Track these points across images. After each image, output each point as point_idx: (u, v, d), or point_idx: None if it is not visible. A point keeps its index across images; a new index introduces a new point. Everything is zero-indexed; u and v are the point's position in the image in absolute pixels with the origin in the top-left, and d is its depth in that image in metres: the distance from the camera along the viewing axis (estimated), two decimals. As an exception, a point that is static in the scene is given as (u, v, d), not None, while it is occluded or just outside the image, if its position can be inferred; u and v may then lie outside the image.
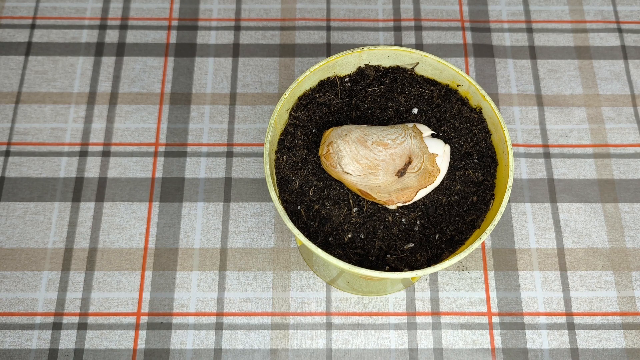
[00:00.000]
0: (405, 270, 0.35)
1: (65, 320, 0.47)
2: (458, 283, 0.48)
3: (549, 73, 0.56)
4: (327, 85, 0.41)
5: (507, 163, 0.38)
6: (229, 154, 0.53)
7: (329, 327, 0.47)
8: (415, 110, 0.41)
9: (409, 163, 0.37)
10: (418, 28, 0.58)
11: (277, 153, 0.40)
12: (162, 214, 0.51)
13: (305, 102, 0.41)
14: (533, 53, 0.57)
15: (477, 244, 0.35)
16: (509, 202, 0.51)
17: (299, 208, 0.38)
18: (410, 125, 0.38)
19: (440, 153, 0.37)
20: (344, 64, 0.41)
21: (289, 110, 0.40)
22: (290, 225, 0.35)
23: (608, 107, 0.54)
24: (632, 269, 0.49)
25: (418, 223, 0.38)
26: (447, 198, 0.38)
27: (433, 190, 0.38)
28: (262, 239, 0.50)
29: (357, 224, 0.38)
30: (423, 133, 0.38)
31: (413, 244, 0.37)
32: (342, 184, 0.38)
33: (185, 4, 0.59)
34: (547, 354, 0.46)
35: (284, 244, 0.50)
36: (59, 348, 0.46)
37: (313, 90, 0.41)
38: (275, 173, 0.39)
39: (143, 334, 0.47)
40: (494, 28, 0.58)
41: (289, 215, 0.37)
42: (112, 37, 0.58)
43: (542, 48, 0.57)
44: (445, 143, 0.38)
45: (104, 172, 0.52)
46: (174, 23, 0.58)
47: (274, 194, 0.36)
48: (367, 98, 0.41)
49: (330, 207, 0.38)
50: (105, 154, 0.53)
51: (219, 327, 0.47)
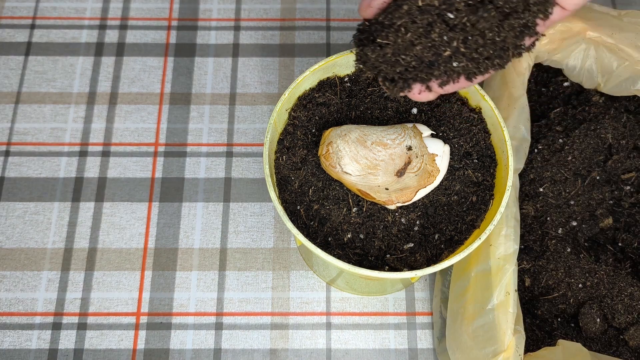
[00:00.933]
0: (405, 270, 0.35)
1: (65, 320, 0.47)
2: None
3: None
4: (326, 85, 0.41)
5: (506, 163, 0.38)
6: (229, 154, 0.53)
7: (329, 327, 0.47)
8: (415, 110, 0.41)
9: (409, 163, 0.37)
10: None
11: (276, 153, 0.40)
12: (161, 214, 0.51)
13: (305, 102, 0.41)
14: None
15: (476, 244, 0.35)
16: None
17: (299, 208, 0.38)
18: (410, 126, 0.38)
19: (440, 153, 0.37)
20: (344, 64, 0.41)
21: (289, 110, 0.40)
22: (290, 225, 0.35)
23: None
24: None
25: (417, 223, 0.38)
26: (446, 198, 0.38)
27: (433, 190, 0.38)
28: (261, 239, 0.50)
29: (356, 224, 0.38)
30: (422, 133, 0.38)
31: (412, 244, 0.37)
32: (341, 184, 0.38)
33: (185, 4, 0.59)
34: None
35: (284, 244, 0.50)
36: (59, 348, 0.46)
37: (313, 90, 0.41)
38: (275, 173, 0.39)
39: (143, 334, 0.47)
40: None
41: (289, 215, 0.37)
42: (112, 37, 0.58)
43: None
44: (445, 143, 0.38)
45: (104, 172, 0.52)
46: (174, 23, 0.58)
47: (274, 194, 0.36)
48: (366, 98, 0.41)
49: (330, 207, 0.38)
50: (105, 154, 0.53)
51: (219, 327, 0.47)
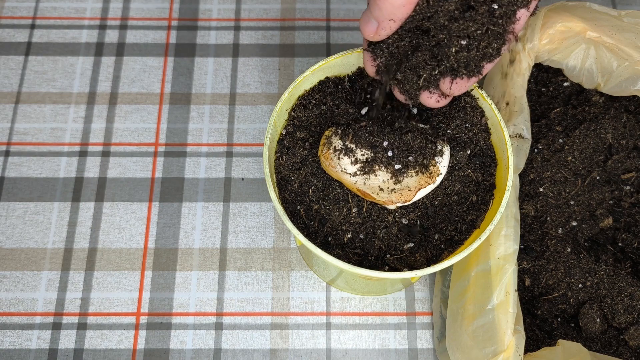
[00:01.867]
0: (405, 270, 0.35)
1: (65, 320, 0.47)
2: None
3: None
4: (326, 85, 0.41)
5: (506, 163, 0.38)
6: (229, 154, 0.53)
7: (329, 327, 0.47)
8: (415, 110, 0.41)
9: (409, 163, 0.37)
10: None
11: (276, 153, 0.40)
12: (161, 214, 0.51)
13: (305, 102, 0.41)
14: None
15: (476, 244, 0.35)
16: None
17: (299, 208, 0.38)
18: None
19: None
20: (344, 64, 0.41)
21: (289, 110, 0.40)
22: (290, 225, 0.35)
23: None
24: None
25: (417, 223, 0.38)
26: (446, 198, 0.38)
27: (433, 190, 0.38)
28: (261, 239, 0.50)
29: (356, 224, 0.38)
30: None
31: (413, 244, 0.37)
32: (341, 184, 0.38)
33: (185, 4, 0.59)
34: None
35: (284, 244, 0.50)
36: (59, 348, 0.46)
37: (313, 90, 0.41)
38: (275, 173, 0.39)
39: (143, 334, 0.47)
40: None
41: (289, 215, 0.37)
42: (111, 37, 0.58)
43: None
44: (445, 143, 0.38)
45: (104, 172, 0.52)
46: (174, 23, 0.58)
47: (274, 194, 0.36)
48: (366, 98, 0.41)
49: (330, 207, 0.38)
50: (105, 154, 0.53)
51: (219, 327, 0.47)
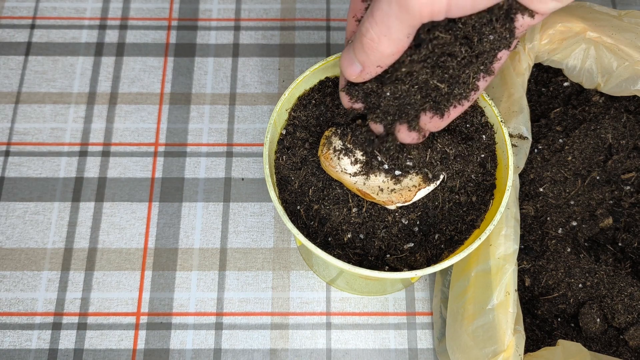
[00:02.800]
0: (405, 270, 0.35)
1: (65, 320, 0.47)
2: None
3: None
4: (326, 85, 0.41)
5: (506, 163, 0.38)
6: (229, 154, 0.53)
7: (329, 327, 0.47)
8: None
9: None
10: None
11: (276, 153, 0.39)
12: (161, 214, 0.51)
13: (305, 102, 0.41)
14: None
15: (476, 244, 0.35)
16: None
17: (299, 208, 0.38)
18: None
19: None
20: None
21: (289, 110, 0.40)
22: (290, 226, 0.35)
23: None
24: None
25: (417, 223, 0.38)
26: (447, 198, 0.38)
27: (433, 190, 0.38)
28: (261, 239, 0.50)
29: (356, 224, 0.38)
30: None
31: (412, 244, 0.37)
32: (341, 184, 0.38)
33: (185, 4, 0.59)
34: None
35: (284, 244, 0.50)
36: (59, 348, 0.46)
37: (313, 90, 0.41)
38: (275, 173, 0.39)
39: (143, 334, 0.47)
40: None
41: (289, 216, 0.37)
42: (112, 37, 0.58)
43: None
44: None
45: (104, 172, 0.52)
46: (174, 23, 0.58)
47: (274, 194, 0.36)
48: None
49: (330, 207, 0.38)
50: (105, 154, 0.53)
51: (219, 327, 0.47)
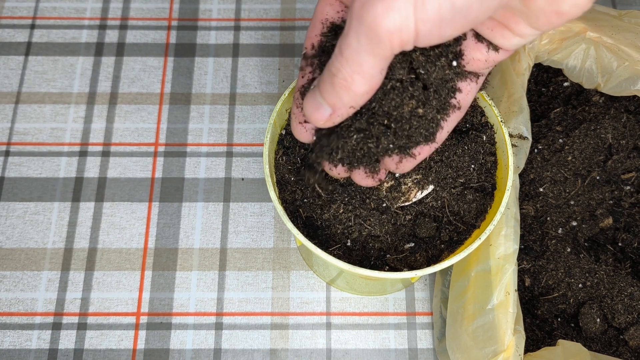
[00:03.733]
0: (405, 270, 0.35)
1: (65, 320, 0.47)
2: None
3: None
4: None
5: (506, 163, 0.38)
6: (229, 154, 0.53)
7: (329, 327, 0.47)
8: None
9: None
10: None
11: (276, 153, 0.39)
12: (161, 214, 0.51)
13: (305, 102, 0.41)
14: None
15: (476, 244, 0.35)
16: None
17: (299, 208, 0.38)
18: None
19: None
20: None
21: (289, 110, 0.40)
22: (290, 226, 0.35)
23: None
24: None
25: (418, 223, 0.38)
26: (446, 198, 0.38)
27: (433, 191, 0.38)
28: (261, 239, 0.50)
29: (357, 224, 0.38)
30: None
31: (413, 244, 0.37)
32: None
33: (185, 4, 0.59)
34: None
35: (284, 244, 0.50)
36: (59, 348, 0.46)
37: (313, 90, 0.41)
38: (275, 173, 0.39)
39: (143, 334, 0.47)
40: None
41: (289, 216, 0.37)
42: (112, 37, 0.58)
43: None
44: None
45: (104, 172, 0.52)
46: (174, 23, 0.58)
47: (274, 194, 0.36)
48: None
49: (330, 207, 0.38)
50: (105, 154, 0.53)
51: (219, 327, 0.47)
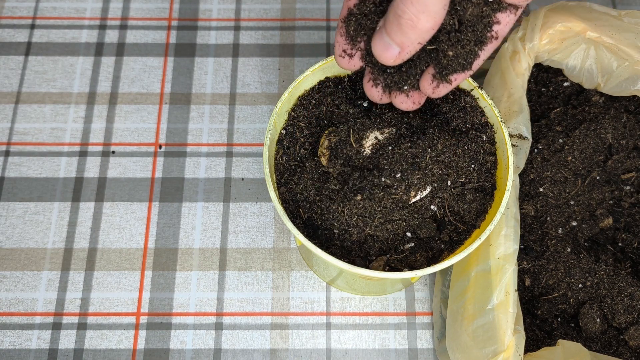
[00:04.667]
0: (405, 270, 0.35)
1: (65, 320, 0.47)
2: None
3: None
4: (326, 85, 0.41)
5: (506, 163, 0.38)
6: (229, 154, 0.53)
7: (329, 327, 0.47)
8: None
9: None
10: None
11: (276, 153, 0.40)
12: (161, 214, 0.51)
13: (305, 102, 0.41)
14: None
15: (476, 244, 0.35)
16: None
17: (299, 208, 0.38)
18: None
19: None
20: (344, 64, 0.41)
21: (289, 111, 0.40)
22: (290, 226, 0.35)
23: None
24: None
25: (417, 223, 0.38)
26: (446, 198, 0.38)
27: (433, 190, 0.38)
28: (261, 239, 0.50)
29: (356, 224, 0.38)
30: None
31: (413, 244, 0.37)
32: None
33: (185, 4, 0.59)
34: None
35: (284, 244, 0.50)
36: (59, 348, 0.46)
37: (313, 90, 0.41)
38: (275, 173, 0.39)
39: (143, 334, 0.47)
40: None
41: (289, 216, 0.37)
42: (111, 37, 0.58)
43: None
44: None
45: (104, 172, 0.52)
46: (174, 23, 0.58)
47: (274, 194, 0.36)
48: (366, 98, 0.41)
49: (330, 206, 0.38)
50: (105, 154, 0.53)
51: (219, 327, 0.47)
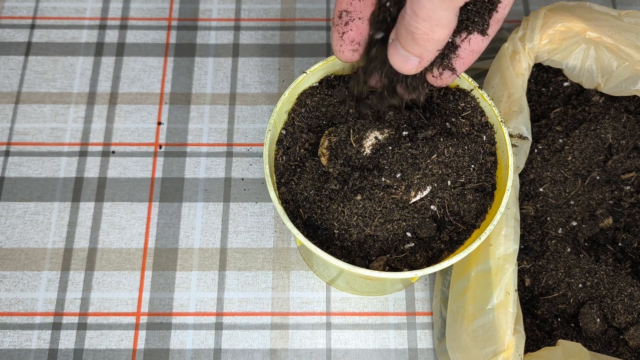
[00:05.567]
0: (405, 270, 0.35)
1: (65, 320, 0.47)
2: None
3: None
4: (327, 85, 0.41)
5: (506, 163, 0.38)
6: (229, 154, 0.53)
7: (329, 327, 0.47)
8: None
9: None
10: None
11: (276, 153, 0.40)
12: (161, 214, 0.51)
13: (305, 102, 0.41)
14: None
15: (476, 244, 0.35)
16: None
17: (299, 208, 0.38)
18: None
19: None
20: (344, 64, 0.41)
21: (289, 111, 0.40)
22: (290, 226, 0.35)
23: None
24: None
25: (417, 223, 0.38)
26: (446, 198, 0.38)
27: (433, 191, 0.38)
28: (261, 239, 0.50)
29: (356, 224, 0.38)
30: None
31: (413, 244, 0.37)
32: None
33: (185, 4, 0.59)
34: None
35: (284, 244, 0.50)
36: (59, 348, 0.46)
37: (313, 90, 0.41)
38: (275, 173, 0.39)
39: (143, 334, 0.47)
40: None
41: (289, 216, 0.37)
42: (111, 37, 0.58)
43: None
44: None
45: (104, 172, 0.52)
46: (174, 23, 0.58)
47: (274, 194, 0.36)
48: (366, 98, 0.41)
49: (330, 206, 0.38)
50: (105, 154, 0.53)
51: (219, 327, 0.47)
